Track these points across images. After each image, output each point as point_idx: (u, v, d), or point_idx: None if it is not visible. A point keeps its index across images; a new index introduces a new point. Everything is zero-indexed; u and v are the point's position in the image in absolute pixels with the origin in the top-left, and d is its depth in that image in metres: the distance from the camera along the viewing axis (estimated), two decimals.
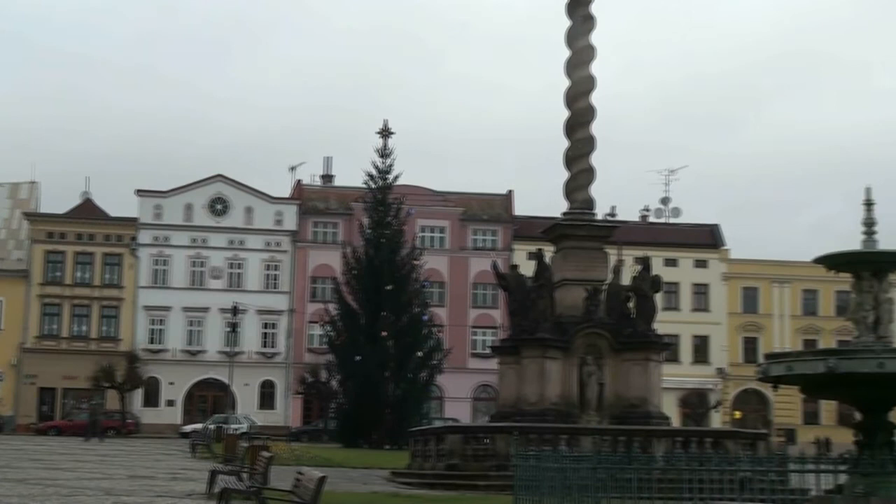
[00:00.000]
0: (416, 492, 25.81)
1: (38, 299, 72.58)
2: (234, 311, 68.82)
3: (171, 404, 72.63)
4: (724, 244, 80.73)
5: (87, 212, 75.92)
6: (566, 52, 32.94)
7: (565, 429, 28.04)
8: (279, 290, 74.90)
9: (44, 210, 77.78)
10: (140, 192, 74.75)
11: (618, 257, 34.80)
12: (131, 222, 74.00)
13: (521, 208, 78.06)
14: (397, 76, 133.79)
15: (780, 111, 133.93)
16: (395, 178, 59.97)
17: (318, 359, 67.05)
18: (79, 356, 70.14)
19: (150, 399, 72.19)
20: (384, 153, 59.57)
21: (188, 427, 61.99)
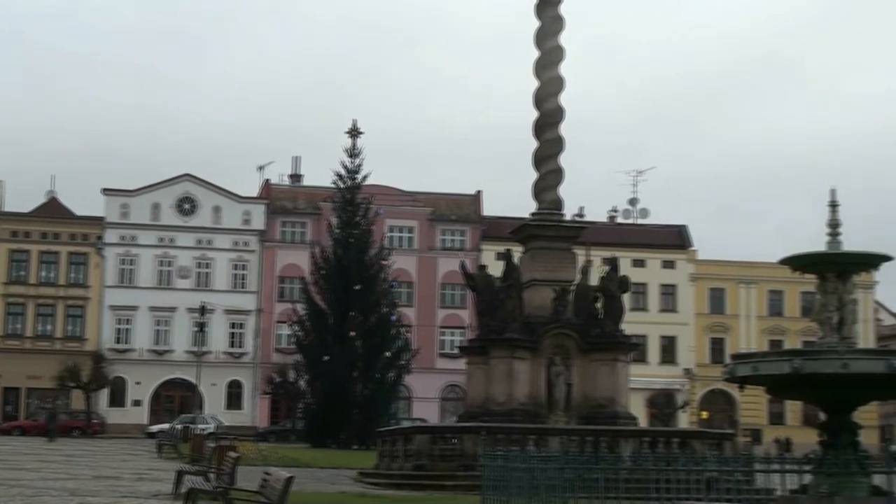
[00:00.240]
0: (384, 492, 25.80)
1: (2, 299, 71.94)
2: (202, 310, 68.50)
3: (137, 404, 72.20)
4: (691, 245, 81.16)
5: (53, 211, 75.44)
6: (536, 53, 33.04)
7: (533, 429, 28.12)
8: (247, 290, 74.64)
9: (8, 209, 76.97)
10: (106, 191, 74.29)
11: (586, 258, 34.94)
12: (97, 221, 73.53)
13: (489, 208, 78.23)
14: (366, 76, 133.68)
15: (748, 114, 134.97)
16: (364, 177, 60.03)
17: (286, 359, 66.87)
18: (43, 356, 69.54)
19: (117, 399, 71.73)
20: (353, 153, 59.65)
21: (155, 427, 61.62)
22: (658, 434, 30.56)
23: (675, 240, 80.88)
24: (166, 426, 55.94)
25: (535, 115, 32.91)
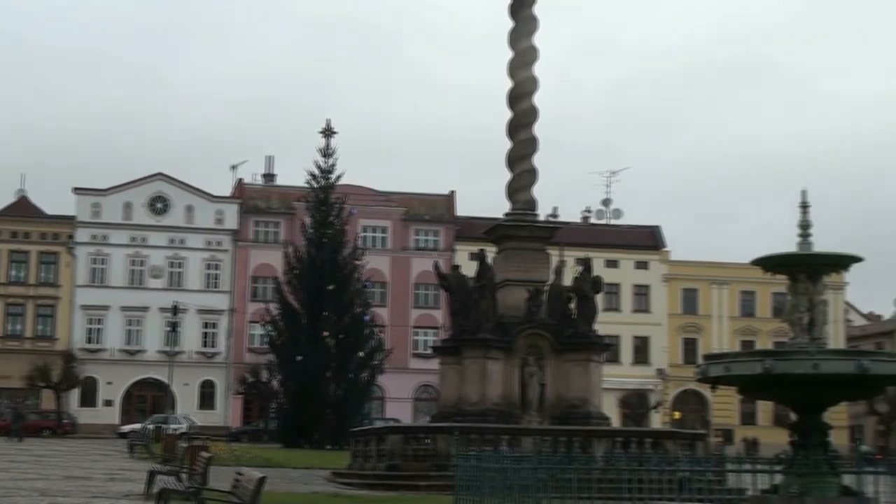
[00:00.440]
0: (357, 492, 25.76)
1: None
2: (175, 310, 68.12)
3: (109, 404, 71.82)
4: (664, 246, 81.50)
5: (23, 209, 74.94)
6: (510, 53, 33.06)
7: (506, 429, 28.14)
8: (220, 290, 74.37)
9: None
10: (78, 190, 73.87)
11: (559, 258, 34.95)
12: (68, 220, 73.09)
13: (463, 209, 78.33)
14: (340, 75, 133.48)
15: (722, 115, 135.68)
16: (338, 177, 59.93)
17: (258, 359, 66.62)
18: (13, 355, 69.03)
19: (88, 399, 71.33)
20: (327, 153, 59.51)
21: (126, 427, 61.29)
22: (631, 434, 30.65)
23: (648, 240, 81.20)
24: (138, 426, 55.66)
25: (508, 115, 32.94)
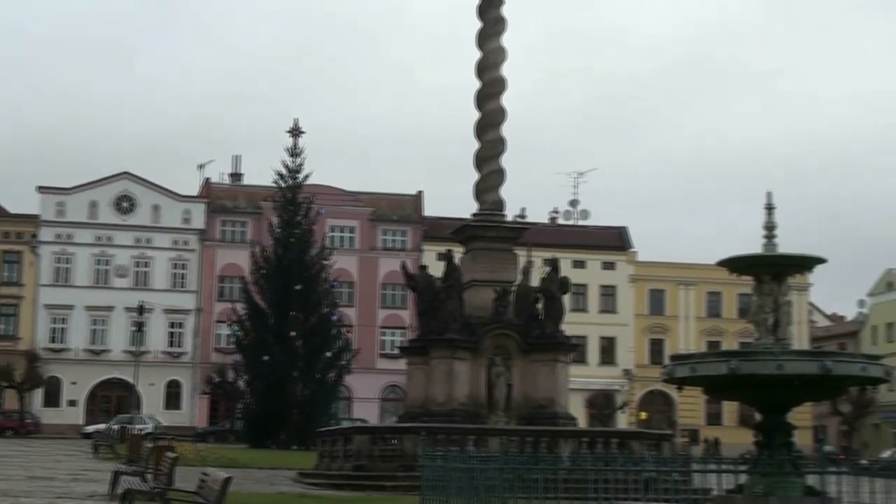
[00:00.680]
0: (323, 492, 25.69)
1: None
2: (140, 310, 67.67)
3: (73, 404, 71.28)
4: (631, 246, 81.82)
5: None
6: (478, 54, 33.08)
7: (473, 429, 28.16)
8: (186, 290, 73.99)
9: None
10: (42, 189, 73.28)
11: (527, 259, 34.99)
12: (32, 219, 72.48)
13: (431, 209, 78.29)
14: (308, 74, 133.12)
15: (689, 116, 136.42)
16: (306, 177, 59.76)
17: (225, 359, 66.35)
18: None
19: (52, 399, 70.78)
20: (294, 152, 59.34)
21: (91, 427, 60.81)
22: (597, 434, 30.73)
23: (615, 241, 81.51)
24: (103, 426, 55.22)
25: (477, 115, 32.97)
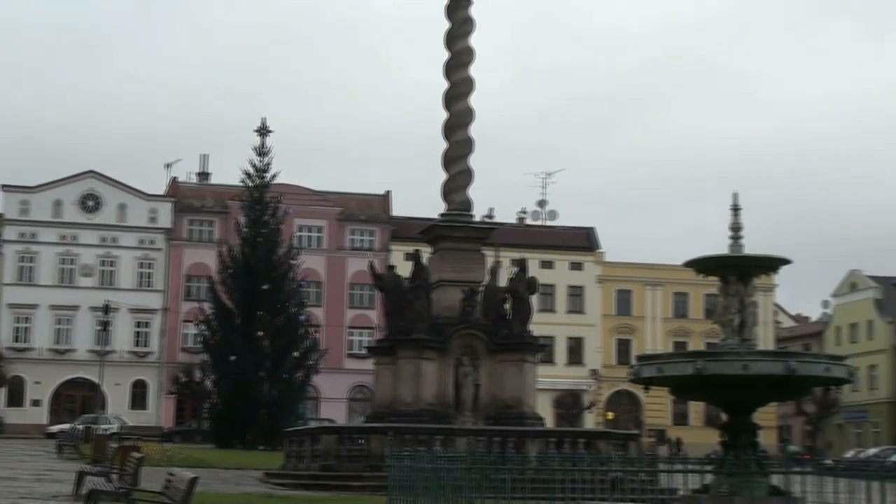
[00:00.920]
0: (290, 493, 25.61)
1: None
2: (106, 309, 67.20)
3: (36, 404, 70.74)
4: (599, 247, 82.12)
5: None
6: (446, 54, 33.10)
7: (440, 429, 28.18)
8: (153, 289, 73.59)
9: None
10: (5, 188, 72.72)
11: (495, 259, 35.08)
12: None
13: (399, 209, 78.27)
14: (276, 73, 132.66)
15: (658, 116, 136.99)
16: (273, 176, 59.61)
17: (192, 358, 66.11)
18: None
19: (15, 398, 70.25)
20: (262, 151, 59.17)
21: (55, 427, 60.30)
22: (564, 434, 30.83)
23: (582, 242, 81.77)
24: (67, 426, 54.78)
25: (445, 115, 32.98)
